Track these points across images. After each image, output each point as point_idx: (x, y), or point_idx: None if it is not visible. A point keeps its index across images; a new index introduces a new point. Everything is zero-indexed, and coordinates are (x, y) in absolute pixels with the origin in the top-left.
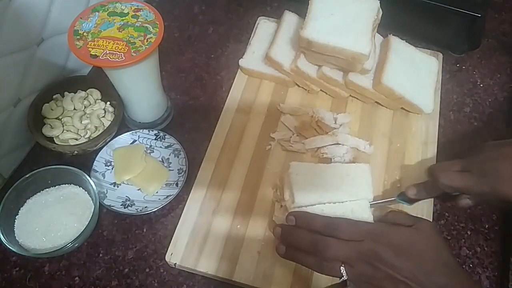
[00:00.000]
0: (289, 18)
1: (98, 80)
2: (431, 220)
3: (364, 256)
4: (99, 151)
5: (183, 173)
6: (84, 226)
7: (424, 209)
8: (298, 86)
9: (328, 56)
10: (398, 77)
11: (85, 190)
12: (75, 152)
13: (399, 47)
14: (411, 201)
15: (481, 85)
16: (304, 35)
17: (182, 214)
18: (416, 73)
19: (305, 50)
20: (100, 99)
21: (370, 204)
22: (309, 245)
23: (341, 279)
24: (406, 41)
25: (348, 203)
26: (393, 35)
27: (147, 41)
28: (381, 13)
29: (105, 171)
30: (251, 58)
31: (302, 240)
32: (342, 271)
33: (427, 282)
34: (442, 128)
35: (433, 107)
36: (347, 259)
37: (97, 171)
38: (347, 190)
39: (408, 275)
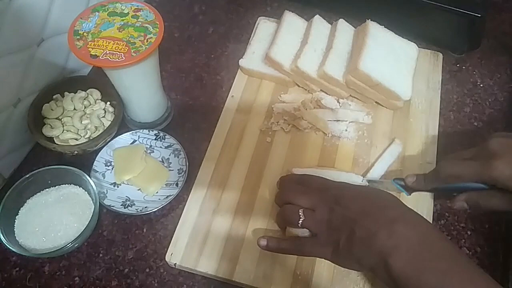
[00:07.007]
0: (289, 18)
1: (98, 80)
2: (431, 220)
3: (326, 201)
4: (99, 151)
5: (183, 173)
6: (84, 226)
7: (424, 209)
8: (298, 86)
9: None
10: (376, 63)
11: (85, 190)
12: (75, 152)
13: (377, 32)
14: (408, 189)
15: (481, 85)
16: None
17: (182, 214)
18: (394, 59)
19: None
20: (100, 99)
21: (367, 180)
22: (283, 193)
23: (299, 223)
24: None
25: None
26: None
27: (147, 41)
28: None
29: (105, 171)
30: (251, 58)
31: (283, 190)
32: (300, 213)
33: (378, 215)
34: (442, 128)
35: (411, 94)
36: (312, 204)
37: (97, 171)
38: None
39: (359, 213)
